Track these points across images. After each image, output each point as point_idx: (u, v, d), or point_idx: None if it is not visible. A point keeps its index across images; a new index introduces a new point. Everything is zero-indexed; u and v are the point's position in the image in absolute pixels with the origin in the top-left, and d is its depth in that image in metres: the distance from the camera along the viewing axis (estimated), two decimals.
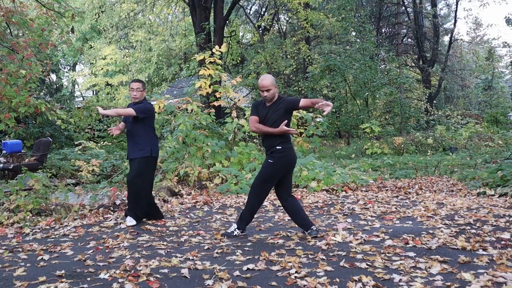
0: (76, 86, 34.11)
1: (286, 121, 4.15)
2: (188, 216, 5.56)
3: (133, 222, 4.98)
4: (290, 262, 3.44)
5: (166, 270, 3.33)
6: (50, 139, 10.36)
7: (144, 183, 5.05)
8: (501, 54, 33.96)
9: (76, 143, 13.62)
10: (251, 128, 4.35)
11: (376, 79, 18.35)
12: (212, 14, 17.66)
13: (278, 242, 4.08)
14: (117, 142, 15.20)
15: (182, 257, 3.67)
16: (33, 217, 5.30)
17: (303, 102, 4.19)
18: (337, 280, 3.04)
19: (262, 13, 27.80)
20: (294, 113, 10.08)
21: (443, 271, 3.13)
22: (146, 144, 5.01)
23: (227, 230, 4.47)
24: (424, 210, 5.34)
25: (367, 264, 3.33)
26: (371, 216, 5.17)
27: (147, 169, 5.05)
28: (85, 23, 25.40)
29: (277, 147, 4.20)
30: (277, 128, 4.14)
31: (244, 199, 6.42)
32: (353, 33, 21.98)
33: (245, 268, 3.34)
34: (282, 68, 22.21)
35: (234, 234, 4.36)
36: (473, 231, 4.23)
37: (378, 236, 4.17)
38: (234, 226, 4.41)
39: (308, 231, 4.29)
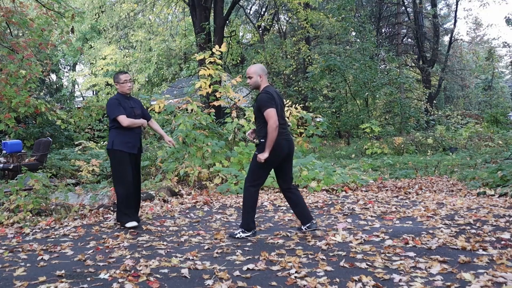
0: (76, 86, 34.14)
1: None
2: (188, 216, 5.56)
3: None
4: (290, 262, 3.43)
5: (166, 270, 3.33)
6: (50, 139, 10.36)
7: None
8: (501, 54, 33.98)
9: (76, 143, 13.63)
10: None
11: (376, 79, 18.34)
12: (212, 14, 17.66)
13: (278, 242, 4.08)
14: None
15: (182, 257, 3.67)
16: (33, 217, 5.30)
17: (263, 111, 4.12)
18: (337, 280, 3.04)
19: (262, 13, 27.80)
20: (294, 112, 10.07)
21: (443, 271, 3.12)
22: None
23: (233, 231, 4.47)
24: (424, 210, 5.33)
25: (367, 264, 3.33)
26: (371, 216, 5.16)
27: None
28: (85, 23, 25.40)
29: (261, 140, 4.22)
30: None
31: None
32: (353, 33, 21.98)
33: (245, 268, 3.34)
34: (282, 68, 22.21)
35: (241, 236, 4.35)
36: (473, 231, 4.22)
37: (378, 236, 4.17)
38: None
39: (308, 225, 4.31)
